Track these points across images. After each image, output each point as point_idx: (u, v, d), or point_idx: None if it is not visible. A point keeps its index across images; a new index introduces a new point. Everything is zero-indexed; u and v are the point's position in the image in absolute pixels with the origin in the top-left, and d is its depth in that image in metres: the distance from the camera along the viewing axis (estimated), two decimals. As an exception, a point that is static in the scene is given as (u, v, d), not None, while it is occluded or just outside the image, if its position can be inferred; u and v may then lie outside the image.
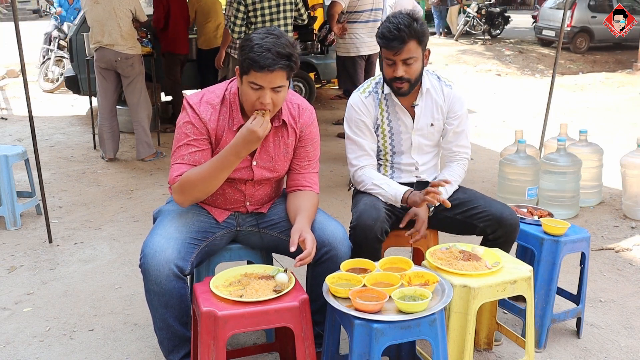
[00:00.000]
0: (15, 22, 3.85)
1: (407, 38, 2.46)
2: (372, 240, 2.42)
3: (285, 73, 2.18)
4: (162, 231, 2.25)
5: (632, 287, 3.35)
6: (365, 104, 2.68)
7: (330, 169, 5.57)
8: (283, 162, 2.42)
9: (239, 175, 2.36)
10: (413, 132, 2.70)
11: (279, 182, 2.56)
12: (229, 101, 2.32)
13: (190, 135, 2.28)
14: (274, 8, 4.99)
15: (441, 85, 2.72)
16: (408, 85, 2.56)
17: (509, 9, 19.79)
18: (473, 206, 2.61)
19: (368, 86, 2.73)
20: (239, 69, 2.23)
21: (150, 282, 2.18)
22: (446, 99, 2.71)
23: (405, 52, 2.49)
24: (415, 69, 2.54)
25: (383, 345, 1.91)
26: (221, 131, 2.31)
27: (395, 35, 2.46)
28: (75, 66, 7.01)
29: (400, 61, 2.51)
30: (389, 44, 2.49)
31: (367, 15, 5.96)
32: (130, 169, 5.62)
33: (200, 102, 2.31)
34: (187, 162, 2.27)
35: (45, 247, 3.89)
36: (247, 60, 2.14)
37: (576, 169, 4.28)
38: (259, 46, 2.12)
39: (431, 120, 2.70)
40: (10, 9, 17.41)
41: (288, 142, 2.40)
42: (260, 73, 2.13)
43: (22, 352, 2.72)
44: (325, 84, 8.86)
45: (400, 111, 2.68)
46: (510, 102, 9.19)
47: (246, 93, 2.20)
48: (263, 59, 2.11)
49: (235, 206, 2.46)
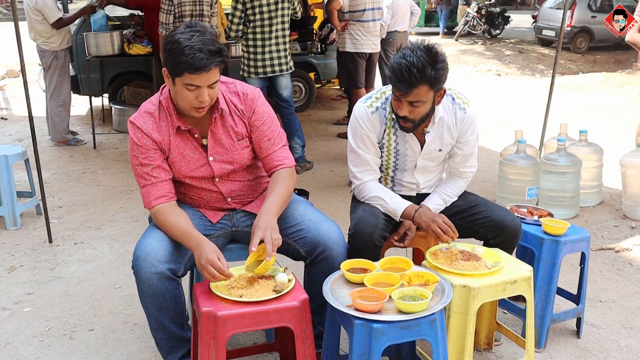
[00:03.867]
0: (15, 22, 3.85)
1: (417, 84, 2.28)
2: (371, 248, 2.41)
3: (219, 68, 2.17)
4: (154, 233, 2.25)
5: (632, 287, 3.35)
6: (371, 120, 2.53)
7: (330, 169, 5.57)
8: (239, 150, 2.38)
9: (200, 173, 2.36)
10: (420, 156, 2.61)
11: (253, 173, 2.50)
12: (165, 106, 2.31)
13: (139, 157, 2.29)
14: (272, 6, 4.99)
15: (455, 109, 2.55)
16: (412, 125, 2.43)
17: (509, 9, 19.79)
18: (475, 212, 2.59)
19: (376, 100, 2.56)
20: (167, 71, 2.18)
21: (143, 284, 2.17)
22: (458, 123, 2.56)
23: (413, 95, 2.31)
24: (421, 112, 2.39)
25: (383, 345, 1.91)
26: (166, 136, 2.31)
27: (405, 77, 2.27)
28: (75, 66, 7.00)
29: (407, 102, 2.35)
30: (397, 84, 2.32)
31: (367, 14, 5.97)
32: (130, 169, 5.58)
33: (140, 115, 2.32)
34: (150, 183, 2.29)
35: (45, 247, 3.89)
36: (180, 64, 2.09)
37: (576, 169, 4.28)
38: (189, 47, 2.07)
39: (440, 146, 2.60)
40: (10, 9, 17.41)
41: (238, 130, 2.37)
42: (196, 75, 2.10)
43: (22, 352, 2.72)
44: (325, 84, 8.85)
45: (409, 137, 2.56)
46: (510, 102, 9.19)
47: (181, 94, 2.17)
48: (198, 61, 2.07)
49: (221, 204, 2.46)
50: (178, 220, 2.23)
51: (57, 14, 5.96)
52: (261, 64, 5.09)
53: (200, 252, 2.10)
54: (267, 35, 5.05)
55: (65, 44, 6.18)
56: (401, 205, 2.53)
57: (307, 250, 2.33)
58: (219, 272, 2.05)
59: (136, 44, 6.48)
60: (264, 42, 5.06)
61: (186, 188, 2.43)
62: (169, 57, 2.13)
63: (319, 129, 7.28)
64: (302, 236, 2.33)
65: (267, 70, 5.09)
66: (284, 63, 5.16)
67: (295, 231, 2.36)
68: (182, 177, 2.37)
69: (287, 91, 5.28)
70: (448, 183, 2.71)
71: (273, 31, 5.06)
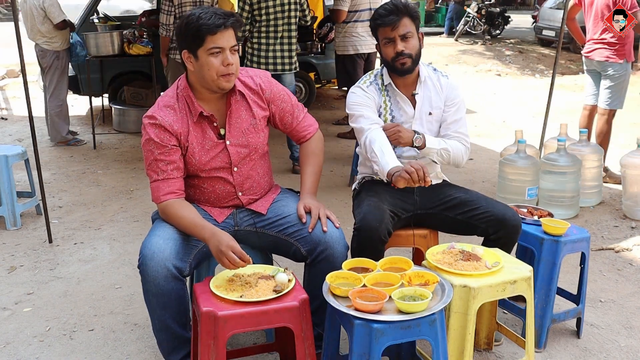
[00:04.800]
0: (15, 22, 3.86)
1: (402, 13, 2.57)
2: (376, 242, 2.41)
3: (234, 33, 2.27)
4: (160, 232, 2.26)
5: (632, 287, 3.35)
6: (367, 91, 2.70)
7: (330, 169, 5.57)
8: (254, 134, 2.43)
9: (218, 162, 2.38)
10: (414, 120, 2.70)
11: (263, 166, 2.52)
12: (183, 96, 2.36)
13: (154, 152, 2.31)
14: (279, 7, 5.01)
15: (437, 76, 2.75)
16: (410, 60, 2.60)
17: (509, 9, 19.77)
18: (475, 207, 2.59)
19: (367, 78, 2.76)
20: (188, 50, 2.27)
21: (149, 283, 2.18)
22: (443, 88, 2.73)
23: (402, 26, 2.57)
24: (414, 45, 2.61)
25: (383, 345, 1.91)
26: (185, 128, 2.34)
27: (391, 9, 2.57)
28: (75, 66, 7.00)
29: (399, 36, 2.58)
30: (386, 19, 2.57)
31: (366, 14, 5.97)
32: (130, 169, 5.62)
33: (160, 108, 2.35)
34: (162, 178, 2.32)
35: (45, 247, 3.89)
36: (200, 29, 2.20)
37: (576, 169, 4.28)
38: (204, 13, 2.21)
39: (429, 109, 2.72)
40: (10, 9, 17.40)
41: (255, 113, 2.42)
42: (217, 34, 2.21)
43: (22, 352, 2.72)
44: (325, 84, 8.85)
45: (401, 100, 2.70)
46: (510, 102, 9.19)
47: (207, 64, 2.24)
48: (215, 20, 2.20)
49: (230, 200, 2.46)
50: (190, 213, 2.28)
51: (62, 15, 5.98)
52: (264, 62, 5.10)
53: (219, 239, 2.14)
54: (272, 35, 5.07)
55: (66, 44, 6.21)
56: (388, 165, 2.43)
57: (308, 250, 2.33)
58: (239, 258, 2.10)
59: (136, 44, 6.48)
60: (268, 41, 5.07)
61: (200, 181, 2.43)
62: (187, 31, 2.23)
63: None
64: (304, 235, 2.34)
65: (270, 69, 5.10)
66: (287, 63, 5.17)
67: (296, 230, 2.36)
68: (200, 170, 2.39)
69: (289, 89, 5.28)
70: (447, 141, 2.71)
71: (279, 32, 5.07)
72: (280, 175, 5.24)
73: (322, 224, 2.33)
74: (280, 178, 5.11)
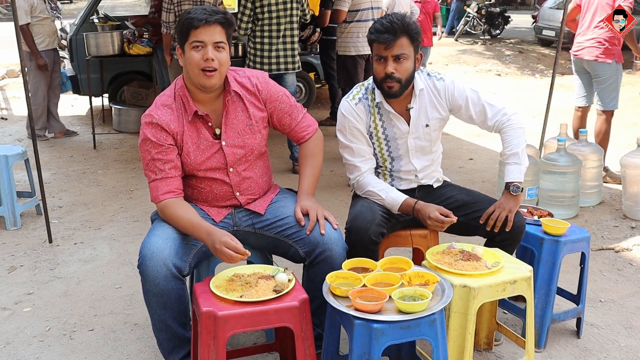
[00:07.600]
0: (15, 22, 3.86)
1: (400, 33, 2.42)
2: (367, 242, 2.41)
3: (224, 30, 2.27)
4: (159, 232, 2.26)
5: (632, 287, 3.35)
6: (356, 111, 2.61)
7: (330, 169, 5.57)
8: (250, 135, 2.42)
9: (213, 163, 2.38)
10: (409, 135, 2.64)
11: (261, 166, 2.52)
12: (179, 95, 2.37)
13: (151, 151, 2.32)
14: (281, 5, 5.01)
15: (432, 81, 2.62)
16: (399, 86, 2.48)
17: (509, 9, 19.76)
18: (479, 209, 2.58)
19: (357, 92, 2.66)
20: (179, 45, 2.31)
21: (149, 282, 2.18)
22: (442, 93, 2.62)
23: (397, 47, 2.43)
24: (406, 68, 2.46)
25: (383, 345, 1.91)
26: (181, 127, 2.35)
27: (387, 27, 2.42)
28: (75, 66, 7.01)
29: (391, 57, 2.44)
30: (380, 36, 2.43)
31: (367, 14, 5.96)
32: (130, 169, 5.62)
33: (157, 107, 2.36)
34: (160, 177, 2.32)
35: (45, 247, 3.89)
36: (184, 25, 2.24)
37: (576, 169, 4.28)
38: (194, 10, 2.27)
39: (426, 121, 2.63)
40: (10, 9, 17.41)
41: (251, 113, 2.42)
42: (200, 28, 2.23)
43: (22, 352, 2.72)
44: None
45: (394, 118, 2.61)
46: (510, 102, 9.18)
47: (189, 59, 2.27)
48: (199, 15, 2.23)
49: (228, 200, 2.46)
50: (187, 213, 2.28)
51: (24, 19, 5.90)
52: (267, 61, 5.10)
53: (213, 238, 2.15)
54: (275, 34, 5.06)
55: (45, 46, 6.17)
56: (398, 199, 2.54)
57: (306, 251, 2.33)
58: (235, 252, 2.10)
59: (136, 44, 6.48)
60: (271, 40, 5.07)
61: (197, 181, 2.43)
62: (177, 27, 2.30)
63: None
64: (302, 237, 2.33)
65: (273, 68, 5.10)
66: (289, 62, 5.17)
67: (295, 232, 2.36)
68: (196, 170, 2.39)
69: (291, 89, 5.29)
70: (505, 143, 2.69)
71: (281, 30, 5.07)
72: (280, 176, 5.24)
73: (320, 226, 2.32)
74: (280, 178, 5.11)
